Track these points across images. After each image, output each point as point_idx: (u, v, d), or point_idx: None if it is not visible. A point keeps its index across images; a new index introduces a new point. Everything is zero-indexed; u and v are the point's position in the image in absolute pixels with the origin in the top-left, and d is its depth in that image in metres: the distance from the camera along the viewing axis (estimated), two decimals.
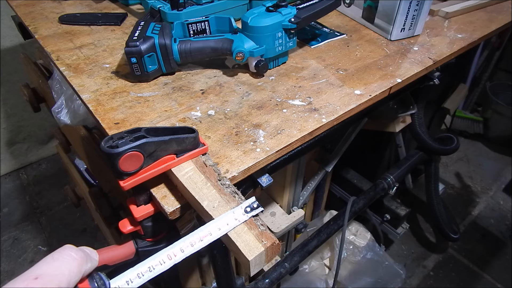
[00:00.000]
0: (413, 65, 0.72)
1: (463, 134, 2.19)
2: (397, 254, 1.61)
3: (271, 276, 0.88)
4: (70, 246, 0.33)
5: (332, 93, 0.64)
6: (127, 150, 0.40)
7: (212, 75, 0.68)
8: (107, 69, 0.68)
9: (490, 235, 1.68)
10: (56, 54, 0.71)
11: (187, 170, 0.46)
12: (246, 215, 0.40)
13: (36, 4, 0.90)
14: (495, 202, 1.83)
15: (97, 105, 0.59)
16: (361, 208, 1.05)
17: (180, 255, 0.37)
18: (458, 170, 1.99)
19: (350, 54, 0.75)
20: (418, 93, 1.03)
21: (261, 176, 0.56)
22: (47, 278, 0.29)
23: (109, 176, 0.80)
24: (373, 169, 1.36)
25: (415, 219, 1.74)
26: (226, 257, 0.67)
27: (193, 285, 0.94)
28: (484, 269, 1.55)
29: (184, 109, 0.59)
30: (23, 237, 1.64)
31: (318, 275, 1.24)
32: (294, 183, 1.03)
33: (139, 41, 0.59)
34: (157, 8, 0.73)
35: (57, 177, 1.91)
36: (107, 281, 0.34)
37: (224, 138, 0.54)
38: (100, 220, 1.02)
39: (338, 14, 0.92)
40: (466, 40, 0.81)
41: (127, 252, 0.53)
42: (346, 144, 1.04)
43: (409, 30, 0.80)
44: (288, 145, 0.54)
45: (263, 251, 0.38)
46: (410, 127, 1.13)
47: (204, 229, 0.39)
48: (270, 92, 0.64)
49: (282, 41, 0.67)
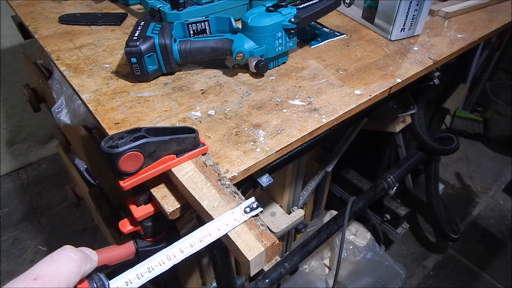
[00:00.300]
0: (413, 65, 0.72)
1: (463, 134, 2.19)
2: (397, 254, 1.61)
3: (271, 276, 0.88)
4: (69, 247, 0.33)
5: (332, 93, 0.64)
6: (127, 150, 0.40)
7: (212, 75, 0.68)
8: (107, 69, 0.68)
9: (490, 235, 1.68)
10: (56, 54, 0.71)
11: (187, 170, 0.46)
12: (246, 215, 0.40)
13: (36, 4, 0.90)
14: (495, 202, 1.83)
15: (97, 105, 0.59)
16: (361, 208, 1.05)
17: (180, 256, 0.37)
18: (458, 170, 1.99)
19: (350, 54, 0.75)
20: (418, 93, 1.03)
21: (261, 176, 0.56)
22: (47, 279, 0.29)
23: (109, 176, 0.80)
24: (373, 169, 1.36)
25: (415, 219, 1.74)
26: (226, 257, 0.67)
27: (193, 285, 0.94)
28: (484, 269, 1.55)
29: (184, 109, 0.59)
30: (23, 237, 1.64)
31: (318, 275, 1.24)
32: (294, 183, 1.03)
33: (139, 41, 0.59)
34: (157, 8, 0.73)
35: (57, 177, 1.91)
36: (106, 281, 0.34)
37: (224, 138, 0.54)
38: (100, 220, 1.02)
39: (338, 14, 0.92)
40: (466, 40, 0.81)
41: (127, 252, 0.53)
42: (346, 144, 1.04)
43: (409, 30, 0.80)
44: (288, 145, 0.54)
45: (263, 251, 0.38)
46: (410, 127, 1.13)
47: (203, 229, 0.39)
48: (270, 92, 0.64)
49: (282, 41, 0.67)
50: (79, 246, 0.35)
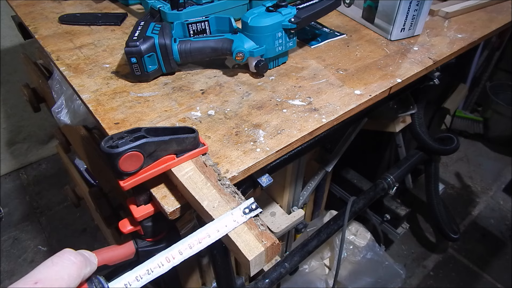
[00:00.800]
0: (413, 65, 0.72)
1: (463, 134, 2.19)
2: (397, 254, 1.61)
3: (271, 276, 0.88)
4: (69, 250, 0.33)
5: (332, 93, 0.64)
6: (127, 150, 0.40)
7: (212, 75, 0.68)
8: (107, 69, 0.68)
9: (490, 235, 1.68)
10: (56, 54, 0.71)
11: (187, 170, 0.46)
12: (245, 216, 0.40)
13: (36, 4, 0.90)
14: (495, 202, 1.83)
15: (97, 105, 0.59)
16: (361, 208, 1.05)
17: (179, 258, 0.37)
18: (458, 170, 1.99)
19: (350, 54, 0.75)
20: (418, 93, 1.03)
21: (261, 176, 0.56)
22: (47, 282, 0.29)
23: (109, 176, 0.80)
24: (373, 169, 1.36)
25: (415, 219, 1.74)
26: (226, 257, 0.67)
27: (193, 285, 0.94)
28: (484, 269, 1.55)
29: (184, 109, 0.59)
30: (23, 237, 1.64)
31: (318, 275, 1.24)
32: (294, 183, 1.03)
33: (139, 41, 0.59)
34: (157, 8, 0.73)
35: (57, 177, 1.91)
36: (106, 284, 0.34)
37: (224, 138, 0.54)
38: (100, 220, 1.02)
39: (338, 14, 0.92)
40: (466, 40, 0.81)
41: (127, 252, 0.53)
42: (346, 144, 1.04)
43: (409, 30, 0.80)
44: (288, 145, 0.54)
45: (263, 251, 0.38)
46: (410, 127, 1.13)
47: (202, 231, 0.39)
48: (270, 92, 0.64)
49: (282, 41, 0.67)
50: (79, 246, 0.35)
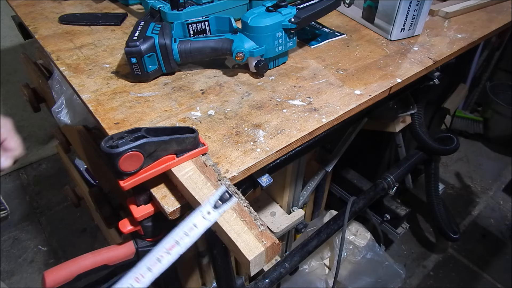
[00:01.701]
0: (413, 65, 0.72)
1: (463, 134, 2.19)
2: (397, 254, 1.61)
3: (271, 276, 0.88)
4: None
5: (332, 93, 0.64)
6: (127, 150, 0.40)
7: (212, 75, 0.68)
8: (107, 69, 0.68)
9: (490, 235, 1.68)
10: (56, 54, 0.71)
11: (187, 170, 0.46)
12: (217, 211, 0.37)
13: (36, 4, 0.90)
14: (495, 202, 1.83)
15: (97, 105, 0.59)
16: (361, 208, 1.05)
17: (149, 275, 0.34)
18: (458, 170, 1.99)
19: (350, 54, 0.75)
20: (418, 93, 1.03)
21: (261, 176, 0.56)
22: None
23: (109, 176, 0.80)
24: (373, 169, 1.36)
25: (415, 219, 1.74)
26: (226, 257, 0.67)
27: (193, 285, 0.94)
28: (484, 269, 1.55)
29: (184, 109, 0.59)
30: (23, 237, 1.64)
31: (318, 275, 1.24)
32: (294, 183, 1.03)
33: (139, 41, 0.59)
34: (157, 8, 0.73)
35: (57, 177, 1.91)
36: None
37: (224, 138, 0.54)
38: (100, 220, 1.02)
39: (338, 14, 0.92)
40: (466, 40, 0.81)
41: (127, 252, 0.53)
42: (346, 144, 1.04)
43: (409, 30, 0.80)
44: (288, 145, 0.54)
45: (263, 251, 0.38)
46: (410, 127, 1.13)
47: (168, 239, 0.35)
48: (270, 92, 0.64)
49: (282, 41, 0.67)
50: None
